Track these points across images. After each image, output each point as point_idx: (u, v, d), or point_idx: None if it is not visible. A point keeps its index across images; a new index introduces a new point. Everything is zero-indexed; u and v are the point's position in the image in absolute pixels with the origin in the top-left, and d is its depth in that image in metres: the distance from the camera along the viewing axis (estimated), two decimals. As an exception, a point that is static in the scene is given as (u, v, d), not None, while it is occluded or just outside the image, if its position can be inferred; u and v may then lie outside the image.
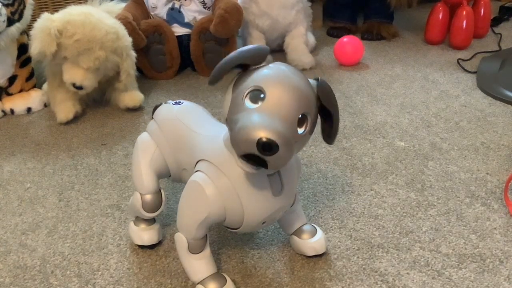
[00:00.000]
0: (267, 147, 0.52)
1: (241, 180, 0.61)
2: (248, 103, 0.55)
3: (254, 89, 0.55)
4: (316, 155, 1.03)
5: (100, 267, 0.76)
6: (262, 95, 0.55)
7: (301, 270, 0.73)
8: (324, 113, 0.61)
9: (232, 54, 0.58)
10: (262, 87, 0.55)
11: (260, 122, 0.52)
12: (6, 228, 0.86)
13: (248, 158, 0.54)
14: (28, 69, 1.33)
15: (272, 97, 0.55)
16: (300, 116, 0.56)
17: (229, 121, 0.57)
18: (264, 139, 0.51)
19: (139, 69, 1.39)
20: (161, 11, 1.47)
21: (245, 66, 0.58)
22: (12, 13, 1.20)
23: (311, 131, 0.58)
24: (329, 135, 0.62)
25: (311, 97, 0.58)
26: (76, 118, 1.24)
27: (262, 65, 0.58)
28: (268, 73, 0.56)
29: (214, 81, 0.57)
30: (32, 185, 0.98)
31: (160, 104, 0.77)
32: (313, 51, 1.62)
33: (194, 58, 1.46)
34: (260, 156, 0.52)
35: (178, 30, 1.47)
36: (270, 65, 0.58)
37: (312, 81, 0.60)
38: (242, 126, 0.53)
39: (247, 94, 0.55)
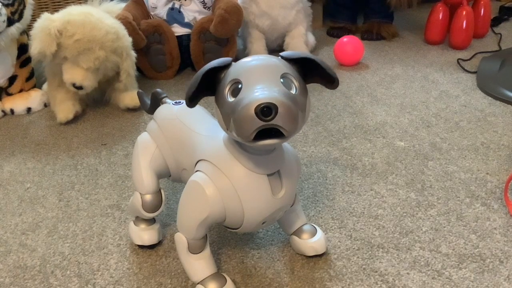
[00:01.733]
0: (267, 111, 0.51)
1: (241, 180, 0.61)
2: (231, 98, 0.56)
3: (232, 83, 0.56)
4: (316, 155, 1.03)
5: (100, 267, 0.76)
6: (240, 85, 0.55)
7: (301, 270, 0.73)
8: (308, 68, 0.60)
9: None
10: (236, 77, 0.55)
11: (250, 98, 0.52)
12: (6, 228, 0.86)
13: (262, 136, 0.53)
14: (28, 69, 1.33)
15: (248, 78, 0.55)
16: (282, 80, 0.55)
17: (227, 125, 0.56)
18: (261, 106, 0.51)
19: (139, 69, 1.39)
20: (161, 11, 1.47)
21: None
22: (12, 13, 1.20)
23: (304, 90, 0.57)
24: (328, 78, 0.59)
25: (284, 63, 0.58)
26: (76, 118, 1.24)
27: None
28: (236, 65, 0.57)
29: (191, 104, 0.58)
30: (32, 185, 0.98)
31: (157, 92, 0.77)
32: (313, 51, 1.62)
33: (194, 58, 1.46)
34: (269, 126, 0.52)
35: (178, 30, 1.47)
36: (234, 63, 0.59)
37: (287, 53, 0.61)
38: (237, 112, 0.53)
39: (227, 93, 0.56)
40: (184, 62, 1.50)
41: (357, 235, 0.80)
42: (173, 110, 0.73)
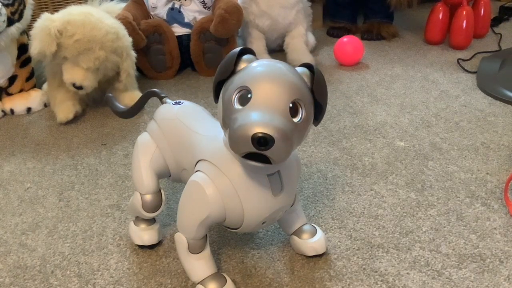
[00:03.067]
0: (263, 142, 0.51)
1: (241, 180, 0.61)
2: (237, 105, 0.55)
3: (241, 89, 0.55)
4: (316, 155, 1.03)
5: (100, 267, 0.76)
6: (249, 95, 0.55)
7: (301, 270, 0.73)
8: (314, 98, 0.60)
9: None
10: (247, 86, 0.55)
11: (251, 120, 0.52)
12: (6, 228, 0.86)
13: (250, 157, 0.54)
14: (28, 69, 1.33)
15: (258, 92, 0.55)
16: (291, 104, 0.55)
17: (224, 127, 0.57)
18: (258, 135, 0.51)
19: (139, 69, 1.39)
20: (161, 11, 1.47)
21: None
22: (12, 13, 1.20)
23: (308, 118, 0.57)
24: (317, 118, 0.60)
25: (300, 83, 0.57)
26: (76, 118, 1.24)
27: (244, 66, 0.58)
28: (251, 71, 0.57)
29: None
30: (32, 185, 0.98)
31: (155, 92, 0.78)
32: (313, 51, 1.62)
33: (194, 58, 1.46)
34: (260, 153, 0.52)
35: (178, 30, 1.47)
36: (253, 63, 0.58)
37: (301, 69, 0.60)
38: (235, 128, 0.53)
39: (234, 96, 0.56)
40: (184, 62, 1.50)
41: (357, 235, 0.80)
42: (173, 110, 0.73)
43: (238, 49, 0.59)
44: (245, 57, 0.59)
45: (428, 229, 0.80)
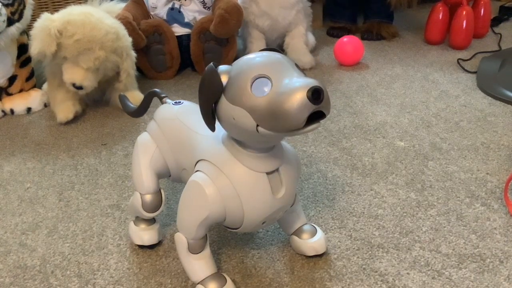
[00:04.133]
0: (317, 94, 0.52)
1: (241, 180, 0.61)
2: (259, 93, 0.55)
3: (255, 79, 0.55)
4: (316, 155, 1.03)
5: (100, 267, 0.76)
6: (266, 79, 0.55)
7: (301, 270, 0.73)
8: None
9: (200, 104, 0.59)
10: (261, 73, 0.55)
11: (294, 86, 0.53)
12: (6, 228, 0.86)
13: (308, 121, 0.54)
14: (28, 69, 1.33)
15: (274, 72, 0.55)
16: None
17: (264, 120, 0.55)
18: (311, 91, 0.52)
19: (139, 69, 1.39)
20: (161, 11, 1.47)
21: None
22: (12, 13, 1.20)
23: None
24: None
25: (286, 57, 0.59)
26: (76, 118, 1.24)
27: (231, 70, 0.58)
28: (246, 62, 0.57)
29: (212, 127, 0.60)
30: (32, 185, 0.98)
31: (155, 92, 0.78)
32: (313, 51, 1.62)
33: (194, 58, 1.46)
34: (317, 109, 0.53)
35: (178, 30, 1.47)
36: (237, 62, 0.58)
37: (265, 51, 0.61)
38: (283, 104, 0.53)
39: (251, 89, 0.55)
40: (184, 62, 1.50)
41: (357, 235, 0.80)
42: (173, 110, 0.73)
43: (211, 66, 0.58)
44: (220, 68, 0.58)
45: (428, 229, 0.80)
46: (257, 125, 0.55)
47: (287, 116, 0.53)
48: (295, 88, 0.52)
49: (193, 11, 1.47)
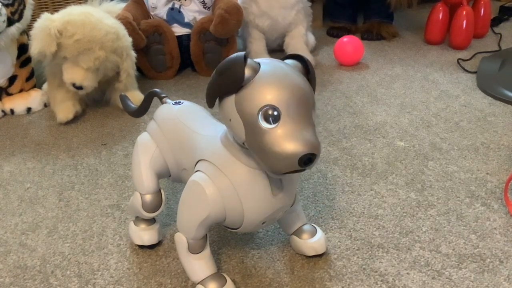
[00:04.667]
0: (308, 161, 0.53)
1: (241, 180, 0.61)
2: (264, 123, 0.54)
3: (266, 108, 0.54)
4: (316, 155, 1.03)
5: (100, 267, 0.76)
6: (276, 112, 0.54)
7: (301, 270, 0.73)
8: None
9: (210, 84, 0.58)
10: (274, 104, 0.54)
11: (294, 141, 0.53)
12: (6, 228, 0.86)
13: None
14: (28, 69, 1.33)
15: (286, 108, 0.54)
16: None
17: (251, 145, 0.55)
18: (306, 157, 0.52)
19: (139, 69, 1.39)
20: (161, 11, 1.47)
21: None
22: (12, 13, 1.20)
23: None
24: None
25: (306, 83, 0.57)
26: (76, 118, 1.24)
27: (250, 74, 0.55)
28: (271, 86, 0.55)
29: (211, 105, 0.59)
30: (32, 185, 0.98)
31: (156, 92, 0.78)
32: (313, 51, 1.62)
33: (194, 58, 1.46)
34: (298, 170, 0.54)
35: (178, 30, 1.47)
36: (263, 73, 0.56)
37: (292, 61, 0.61)
38: (275, 150, 0.53)
39: (259, 115, 0.54)
40: (184, 62, 1.50)
41: (357, 235, 0.80)
42: (173, 110, 0.73)
43: (241, 56, 0.56)
44: (249, 62, 0.56)
45: (428, 229, 0.80)
46: (245, 141, 0.56)
47: (270, 162, 0.54)
48: (293, 144, 0.52)
49: (193, 11, 1.47)
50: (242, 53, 0.56)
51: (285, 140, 0.53)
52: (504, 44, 1.60)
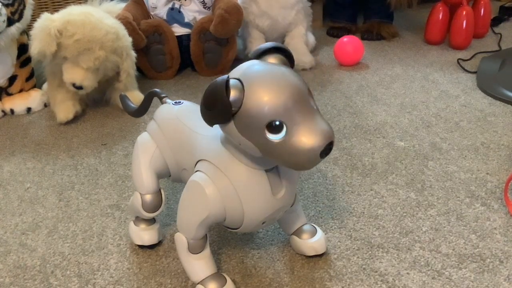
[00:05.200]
0: (328, 149, 0.54)
1: (241, 180, 0.61)
2: (273, 137, 0.53)
3: (269, 123, 0.53)
4: (316, 155, 1.03)
5: (100, 267, 0.76)
6: (277, 122, 0.53)
7: (301, 270, 0.73)
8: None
9: (204, 118, 0.57)
10: (276, 119, 0.53)
11: (308, 138, 0.53)
12: (6, 228, 0.86)
13: None
14: (28, 69, 1.33)
15: (290, 117, 0.53)
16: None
17: (271, 157, 0.55)
18: (324, 150, 0.53)
19: (139, 69, 1.39)
20: (161, 11, 1.47)
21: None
22: (12, 13, 1.20)
23: None
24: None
25: (298, 76, 0.57)
26: (76, 118, 1.24)
27: (244, 91, 0.54)
28: (265, 99, 0.53)
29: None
30: (32, 185, 0.98)
31: (156, 92, 0.78)
32: (313, 51, 1.62)
33: (194, 58, 1.46)
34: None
35: (178, 30, 1.47)
36: (253, 85, 0.54)
37: (276, 56, 0.59)
38: (295, 154, 0.53)
39: (263, 131, 0.54)
40: (184, 62, 1.50)
41: (357, 235, 0.80)
42: (173, 110, 0.73)
43: (222, 84, 0.53)
44: (232, 84, 0.54)
45: (428, 229, 0.80)
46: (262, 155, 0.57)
47: (294, 165, 0.55)
48: (308, 143, 0.53)
49: (193, 11, 1.47)
50: (224, 77, 0.54)
51: (300, 143, 0.53)
52: (504, 44, 1.60)
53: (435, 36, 1.62)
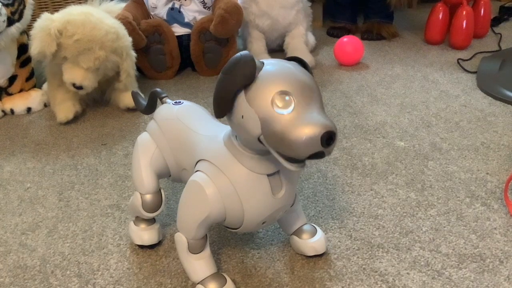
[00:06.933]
0: (330, 139, 0.53)
1: (241, 180, 0.61)
2: (278, 109, 0.54)
3: (280, 93, 0.54)
4: (316, 155, 1.03)
5: (100, 267, 0.76)
6: (287, 97, 0.54)
7: (301, 270, 0.73)
8: None
9: (221, 86, 0.57)
10: (286, 90, 0.54)
11: (314, 121, 0.53)
12: (6, 228, 0.86)
13: (310, 156, 0.54)
14: (28, 69, 1.33)
15: (299, 94, 0.55)
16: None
17: (269, 137, 0.55)
18: (327, 134, 0.52)
19: (139, 69, 1.39)
20: (161, 11, 1.47)
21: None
22: (12, 13, 1.20)
23: None
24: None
25: (315, 81, 0.58)
26: (76, 118, 1.24)
27: (261, 69, 0.56)
28: (278, 71, 0.56)
29: (221, 115, 0.58)
30: (32, 185, 0.98)
31: (156, 92, 0.77)
32: (313, 51, 1.62)
33: (194, 58, 1.46)
34: (321, 151, 0.54)
35: (178, 30, 1.47)
36: (267, 67, 0.57)
37: (295, 64, 0.60)
38: (297, 133, 0.53)
39: (273, 101, 0.54)
40: (184, 62, 1.50)
41: (357, 235, 0.80)
42: (173, 110, 0.73)
43: (248, 53, 0.56)
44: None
45: (428, 229, 0.80)
46: (261, 134, 0.55)
47: (293, 145, 0.53)
48: (312, 124, 0.53)
49: (193, 11, 1.47)
50: (246, 51, 0.57)
51: (304, 122, 0.53)
52: (504, 44, 1.60)
53: (435, 36, 1.62)
